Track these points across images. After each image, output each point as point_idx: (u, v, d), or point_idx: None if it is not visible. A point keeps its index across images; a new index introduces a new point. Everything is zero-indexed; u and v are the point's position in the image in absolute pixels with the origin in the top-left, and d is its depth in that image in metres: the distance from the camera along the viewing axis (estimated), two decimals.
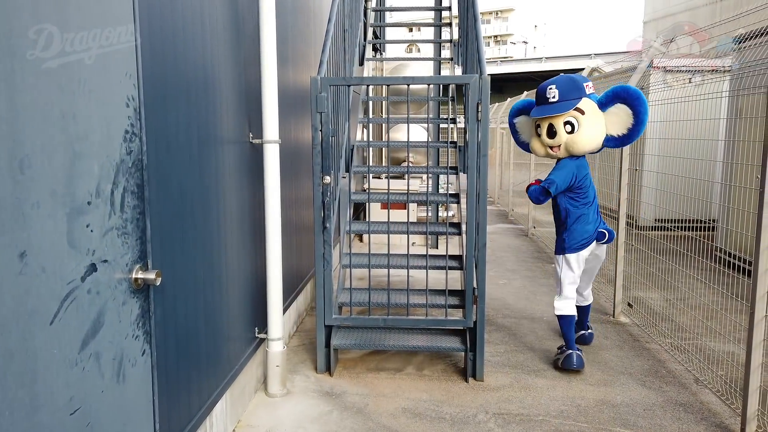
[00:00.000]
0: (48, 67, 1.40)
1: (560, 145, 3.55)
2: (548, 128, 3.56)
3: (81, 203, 1.52)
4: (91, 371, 1.57)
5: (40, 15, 1.37)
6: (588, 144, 3.52)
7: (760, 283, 2.73)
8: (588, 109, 3.49)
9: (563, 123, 3.49)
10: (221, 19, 2.74)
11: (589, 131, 3.49)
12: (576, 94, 3.49)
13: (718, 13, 11.88)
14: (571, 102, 3.47)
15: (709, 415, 3.07)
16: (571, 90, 3.50)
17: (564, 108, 3.47)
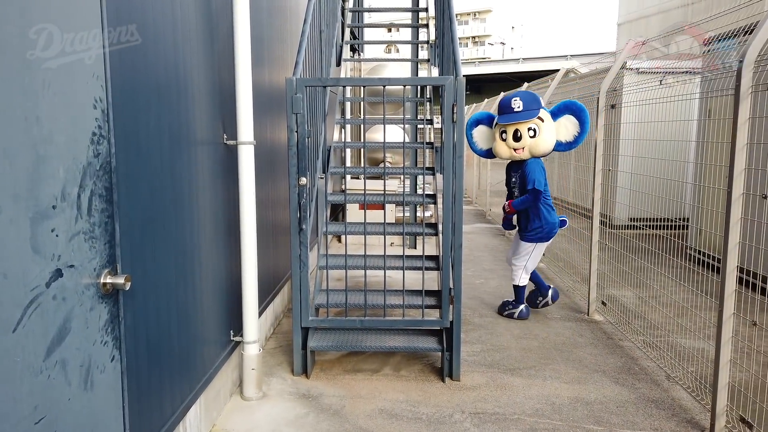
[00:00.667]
0: (10, 69, 1.36)
1: (524, 147, 4.34)
2: (514, 133, 4.36)
3: (45, 207, 1.49)
4: (57, 379, 1.54)
5: (4, 19, 1.34)
6: (547, 146, 4.35)
7: (728, 280, 2.79)
8: (545, 118, 4.34)
9: (527, 129, 4.31)
10: (194, 19, 2.71)
11: (547, 136, 4.33)
12: (536, 105, 4.34)
13: (690, 15, 12.12)
14: (534, 111, 4.30)
15: (680, 411, 3.13)
16: (532, 102, 4.34)
17: (529, 116, 4.29)
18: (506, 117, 4.34)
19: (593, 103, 5.06)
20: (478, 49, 55.56)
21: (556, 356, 3.89)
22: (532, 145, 4.31)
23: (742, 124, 2.73)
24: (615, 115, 4.97)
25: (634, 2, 14.61)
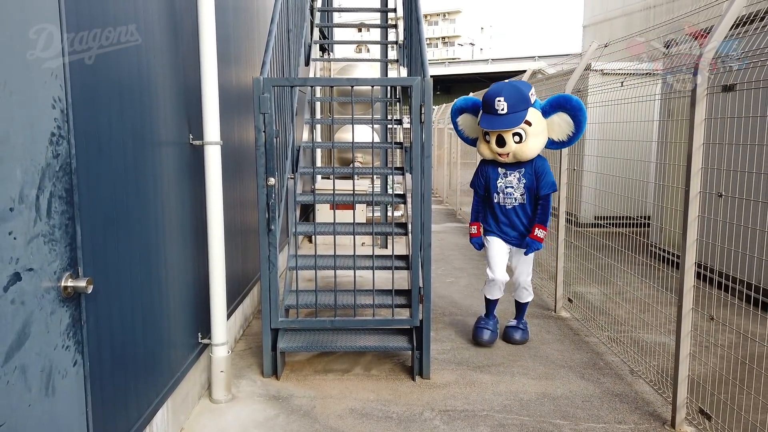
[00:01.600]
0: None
1: (509, 153, 3.76)
2: (497, 139, 3.74)
3: (2, 210, 1.45)
4: (17, 385, 1.50)
5: None
6: (534, 152, 3.80)
7: (687, 276, 2.88)
8: (534, 119, 3.70)
9: (512, 134, 3.69)
10: (157, 18, 2.67)
11: (535, 140, 3.75)
12: (523, 105, 3.66)
13: (651, 18, 12.43)
14: (520, 114, 3.64)
15: (643, 405, 3.22)
16: (518, 102, 3.64)
17: (514, 122, 3.64)
18: (488, 121, 3.71)
19: None
20: (448, 50, 55.96)
21: (524, 353, 3.96)
22: (517, 151, 3.74)
23: (699, 124, 2.82)
24: None
25: (599, 5, 14.93)
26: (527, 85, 3.78)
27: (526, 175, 3.87)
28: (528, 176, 3.86)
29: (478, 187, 4.06)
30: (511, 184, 3.91)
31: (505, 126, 3.64)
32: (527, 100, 3.68)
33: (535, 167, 3.85)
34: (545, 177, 3.83)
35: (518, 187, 3.90)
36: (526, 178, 3.87)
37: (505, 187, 3.92)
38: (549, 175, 3.85)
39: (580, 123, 3.73)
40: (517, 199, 3.93)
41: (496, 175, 3.94)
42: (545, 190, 3.83)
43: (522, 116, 3.64)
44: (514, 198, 3.92)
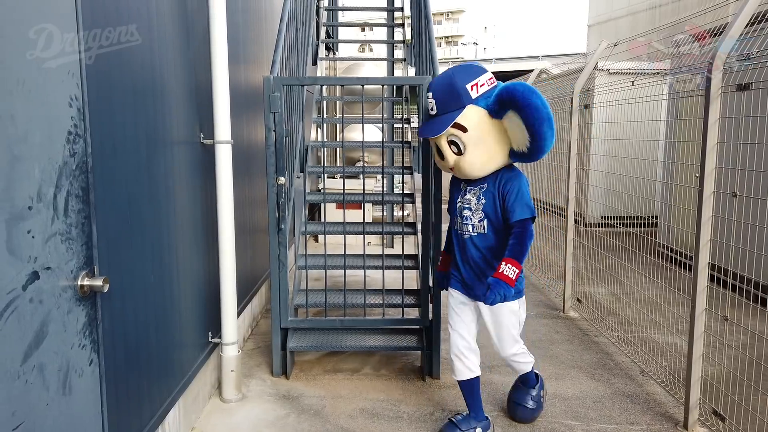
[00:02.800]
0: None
1: (453, 168, 2.71)
2: (437, 148, 2.74)
3: (21, 208, 1.45)
4: (35, 384, 1.50)
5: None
6: (483, 166, 2.62)
7: (700, 277, 2.86)
8: (472, 122, 2.55)
9: (447, 143, 2.64)
10: (170, 19, 2.67)
11: (478, 152, 2.59)
12: (455, 103, 2.57)
13: (657, 18, 12.40)
14: (449, 116, 2.58)
15: (654, 405, 3.20)
16: (448, 98, 2.58)
17: (437, 128, 2.59)
18: (424, 126, 2.78)
19: (566, 103, 5.14)
20: (452, 49, 55.93)
21: (534, 353, 3.90)
22: (457, 166, 2.66)
23: (712, 124, 2.80)
24: (588, 115, 5.06)
25: (603, 4, 14.89)
26: (473, 72, 2.61)
27: (486, 193, 2.69)
28: (488, 195, 2.68)
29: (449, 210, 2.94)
30: (469, 204, 2.74)
31: (430, 132, 2.63)
32: (462, 95, 2.55)
33: (500, 183, 2.66)
34: (515, 197, 2.62)
35: (476, 209, 2.72)
36: (486, 198, 2.68)
37: (463, 208, 2.76)
38: (521, 195, 2.63)
39: (533, 126, 2.42)
40: (475, 226, 2.73)
41: (457, 192, 2.84)
42: (517, 215, 2.61)
43: (448, 119, 2.56)
44: (472, 225, 2.73)
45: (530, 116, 2.40)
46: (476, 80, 2.57)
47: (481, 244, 2.74)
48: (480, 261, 2.75)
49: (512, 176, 2.68)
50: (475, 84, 2.57)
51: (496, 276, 2.56)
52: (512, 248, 2.59)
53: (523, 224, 2.62)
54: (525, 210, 2.62)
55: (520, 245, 2.59)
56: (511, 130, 2.55)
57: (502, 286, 2.54)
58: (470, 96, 2.56)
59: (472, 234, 2.74)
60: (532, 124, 2.41)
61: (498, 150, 2.61)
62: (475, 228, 2.73)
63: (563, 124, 6.18)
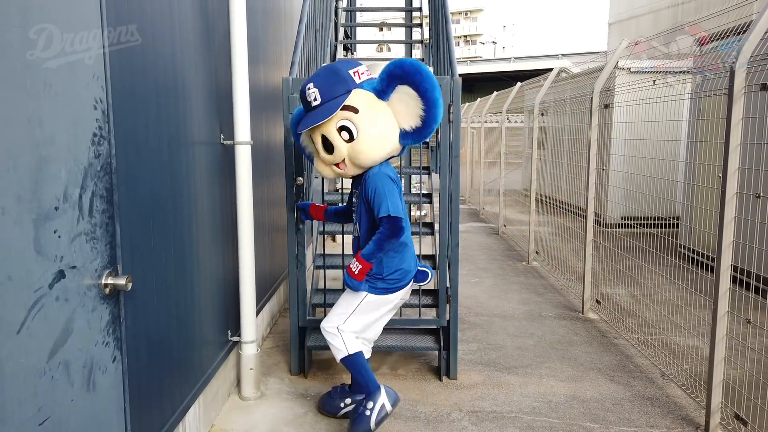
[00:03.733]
0: (12, 70, 1.36)
1: (344, 159, 2.63)
2: (322, 142, 2.63)
3: (48, 209, 1.48)
4: (61, 380, 1.54)
5: (3, 18, 1.33)
6: (378, 149, 2.61)
7: (723, 279, 2.82)
8: (362, 103, 2.56)
9: (337, 130, 2.57)
10: (191, 20, 2.71)
11: (373, 132, 2.57)
12: (342, 87, 2.57)
13: (679, 16, 12.22)
14: (337, 100, 2.54)
15: (675, 409, 3.17)
16: (333, 84, 2.57)
17: (329, 111, 2.52)
18: (304, 120, 2.64)
19: (586, 103, 5.10)
20: (470, 48, 55.72)
21: (552, 354, 3.92)
22: (352, 153, 2.59)
23: (736, 124, 2.76)
24: (608, 115, 5.01)
25: (625, 2, 14.72)
26: (352, 62, 2.69)
27: (361, 195, 2.76)
28: (360, 197, 2.77)
29: None
30: (355, 207, 2.84)
31: (318, 119, 2.52)
32: (347, 80, 2.58)
33: (365, 183, 2.69)
34: (375, 197, 2.64)
35: (357, 212, 2.82)
36: (360, 201, 2.76)
37: (352, 212, 2.89)
38: (381, 194, 2.63)
39: (427, 91, 2.49)
40: (356, 229, 2.86)
41: (351, 197, 2.92)
42: (379, 213, 2.63)
43: (339, 102, 2.53)
44: (356, 228, 2.86)
45: (424, 82, 2.48)
46: (356, 68, 2.64)
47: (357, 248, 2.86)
48: None
49: (374, 174, 2.69)
50: (356, 71, 2.63)
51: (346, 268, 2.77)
52: (367, 247, 2.70)
53: (386, 222, 2.62)
54: (383, 207, 2.61)
55: (375, 243, 2.66)
56: (402, 106, 2.58)
57: (348, 276, 2.75)
58: (354, 81, 2.61)
59: (354, 236, 2.92)
60: (426, 89, 2.49)
61: (390, 131, 2.62)
62: (356, 231, 2.88)
63: (583, 124, 6.13)
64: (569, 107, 8.39)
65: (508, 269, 6.38)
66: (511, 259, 6.88)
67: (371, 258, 2.67)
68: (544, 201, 7.67)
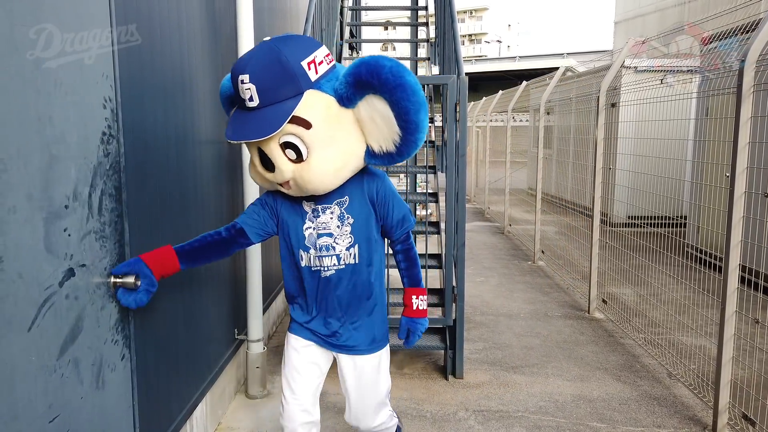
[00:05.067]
0: (24, 69, 1.37)
1: (289, 182, 1.83)
2: (261, 157, 1.85)
3: (58, 207, 1.49)
4: (70, 378, 1.54)
5: (16, 18, 1.34)
6: (333, 175, 1.82)
7: (731, 279, 2.81)
8: (317, 115, 1.74)
9: (280, 146, 1.77)
10: (198, 20, 2.71)
11: (329, 154, 1.79)
12: (290, 88, 1.71)
13: (686, 14, 12.16)
14: (282, 107, 1.70)
15: (682, 409, 3.15)
16: (277, 82, 1.70)
17: (268, 126, 1.69)
18: (232, 124, 1.79)
19: (592, 102, 5.08)
20: (475, 47, 55.62)
21: (558, 354, 3.91)
22: (299, 179, 1.80)
23: (744, 122, 2.75)
24: (614, 114, 5.00)
25: (631, 1, 14.66)
26: (305, 43, 1.77)
27: (352, 206, 1.95)
28: (357, 208, 1.96)
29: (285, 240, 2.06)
30: (327, 228, 1.94)
31: (253, 133, 1.72)
32: (296, 77, 1.70)
33: (369, 189, 1.96)
34: (393, 204, 1.99)
35: (342, 234, 1.95)
36: (354, 213, 1.95)
37: (318, 235, 1.95)
38: (399, 201, 2.02)
39: (408, 113, 1.72)
40: (341, 257, 1.96)
41: (298, 215, 1.98)
42: (402, 227, 2.02)
43: (283, 112, 1.70)
44: (336, 256, 1.96)
45: (404, 100, 1.70)
46: (312, 56, 1.74)
47: (351, 278, 1.97)
48: (351, 300, 2.00)
49: (380, 177, 1.99)
50: (312, 61, 1.74)
51: (412, 314, 2.08)
52: (410, 274, 2.07)
53: (408, 238, 2.09)
54: (409, 216, 2.05)
55: (416, 265, 2.09)
56: (370, 121, 1.79)
57: (421, 323, 2.09)
58: (308, 77, 1.73)
59: (339, 267, 1.95)
60: (407, 111, 1.72)
61: (353, 151, 1.84)
62: (342, 259, 1.95)
63: (589, 123, 6.11)
64: (575, 106, 8.37)
65: (514, 268, 6.37)
66: (516, 259, 6.87)
67: (422, 280, 2.14)
68: (549, 200, 7.65)
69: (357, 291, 2.01)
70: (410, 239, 2.10)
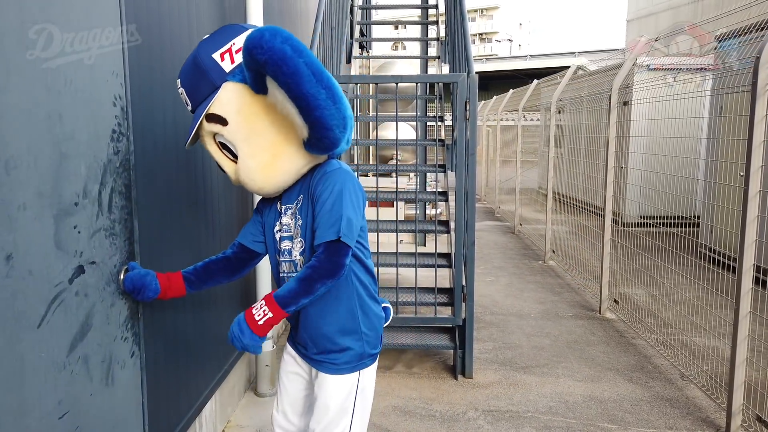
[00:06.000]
0: (34, 67, 1.37)
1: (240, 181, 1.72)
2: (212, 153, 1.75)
3: (68, 204, 1.50)
4: (80, 374, 1.55)
5: (27, 17, 1.35)
6: (267, 171, 1.64)
7: (745, 279, 2.77)
8: (230, 108, 1.60)
9: (217, 146, 1.70)
10: (208, 20, 2.72)
11: (252, 153, 1.63)
12: (205, 85, 1.60)
13: (699, 12, 12.03)
14: (201, 108, 1.62)
15: (695, 410, 3.12)
16: (196, 82, 1.61)
17: (191, 127, 1.65)
18: None
19: (604, 101, 5.04)
20: (485, 46, 55.42)
21: (569, 354, 3.88)
22: (240, 177, 1.69)
23: (759, 121, 2.71)
24: (626, 112, 4.95)
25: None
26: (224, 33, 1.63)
27: (302, 207, 1.72)
28: (305, 208, 1.71)
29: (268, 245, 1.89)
30: (288, 230, 1.75)
31: (187, 135, 1.69)
32: (206, 72, 1.59)
33: (312, 185, 1.68)
34: (326, 204, 1.62)
35: (296, 236, 1.74)
36: (302, 214, 1.72)
37: (282, 238, 1.77)
38: (338, 205, 1.61)
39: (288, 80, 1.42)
40: (297, 262, 1.74)
41: (272, 216, 1.83)
42: (320, 237, 1.60)
43: (198, 114, 1.62)
44: (293, 262, 1.75)
45: (279, 73, 1.42)
46: (228, 45, 1.60)
47: None
48: (311, 314, 1.75)
49: (328, 173, 1.66)
50: (228, 50, 1.60)
51: (245, 317, 1.60)
52: (288, 285, 1.60)
53: (328, 248, 1.59)
54: (329, 227, 1.59)
55: (301, 285, 1.58)
56: (281, 105, 1.54)
57: (240, 327, 1.59)
58: (221, 69, 1.59)
59: (295, 273, 1.74)
60: (287, 85, 1.44)
61: (282, 141, 1.61)
62: (298, 266, 1.73)
63: (600, 122, 6.06)
64: (586, 105, 8.30)
65: (524, 268, 6.34)
66: (527, 258, 6.83)
67: (290, 305, 1.59)
68: (560, 199, 7.60)
69: (317, 305, 1.71)
70: (325, 260, 1.58)
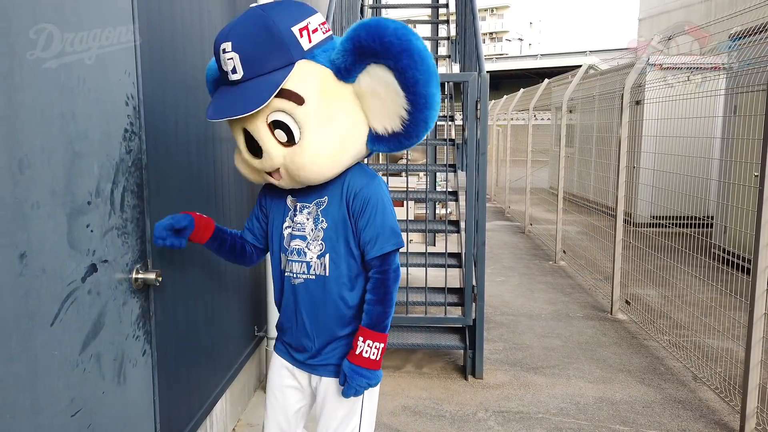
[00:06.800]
0: (48, 66, 1.38)
1: (278, 169, 1.58)
2: (246, 140, 1.62)
3: (81, 203, 1.50)
4: (92, 372, 1.56)
5: (39, 15, 1.35)
6: (331, 161, 1.56)
7: (760, 280, 2.74)
8: (312, 88, 1.50)
9: (268, 126, 1.53)
10: (219, 17, 2.73)
11: (326, 136, 1.54)
12: (279, 57, 1.47)
13: (713, 11, 11.91)
14: (269, 79, 1.46)
15: (708, 413, 3.08)
16: (264, 49, 1.46)
17: (256, 100, 1.45)
18: (214, 102, 1.55)
19: (616, 100, 5.00)
20: (496, 46, 55.25)
21: (580, 355, 3.86)
22: (291, 165, 1.54)
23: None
24: (638, 112, 4.91)
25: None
26: (296, 7, 1.53)
27: (329, 209, 1.66)
28: (332, 214, 1.65)
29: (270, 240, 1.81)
30: (302, 230, 1.68)
31: (235, 111, 1.47)
32: (286, 44, 1.47)
33: (349, 193, 1.64)
34: (373, 216, 1.63)
35: (314, 238, 1.66)
36: (328, 217, 1.66)
37: (292, 237, 1.70)
38: (384, 213, 1.65)
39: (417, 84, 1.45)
40: (311, 265, 1.67)
41: (281, 212, 1.76)
42: (378, 247, 1.63)
43: (270, 85, 1.45)
44: (306, 264, 1.68)
45: (411, 68, 1.44)
46: (305, 21, 1.50)
47: (322, 293, 1.66)
48: (321, 318, 1.69)
49: (367, 182, 1.65)
50: (305, 27, 1.50)
51: (352, 361, 1.60)
52: (371, 311, 1.61)
53: (384, 262, 1.64)
54: (388, 238, 1.64)
55: (382, 303, 1.61)
56: (373, 95, 1.53)
57: (362, 375, 1.59)
58: (300, 45, 1.49)
59: (309, 277, 1.67)
60: (415, 81, 1.45)
61: (353, 133, 1.58)
62: (312, 268, 1.66)
63: (612, 121, 6.02)
64: (598, 104, 8.25)
65: (535, 268, 6.31)
66: (537, 258, 6.80)
67: (387, 326, 1.63)
68: (571, 199, 7.56)
69: (328, 310, 1.67)
70: (388, 268, 1.63)
